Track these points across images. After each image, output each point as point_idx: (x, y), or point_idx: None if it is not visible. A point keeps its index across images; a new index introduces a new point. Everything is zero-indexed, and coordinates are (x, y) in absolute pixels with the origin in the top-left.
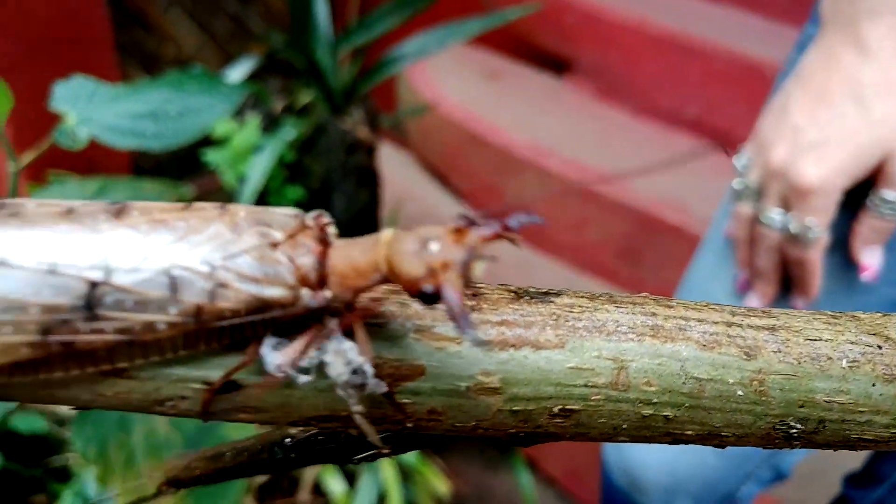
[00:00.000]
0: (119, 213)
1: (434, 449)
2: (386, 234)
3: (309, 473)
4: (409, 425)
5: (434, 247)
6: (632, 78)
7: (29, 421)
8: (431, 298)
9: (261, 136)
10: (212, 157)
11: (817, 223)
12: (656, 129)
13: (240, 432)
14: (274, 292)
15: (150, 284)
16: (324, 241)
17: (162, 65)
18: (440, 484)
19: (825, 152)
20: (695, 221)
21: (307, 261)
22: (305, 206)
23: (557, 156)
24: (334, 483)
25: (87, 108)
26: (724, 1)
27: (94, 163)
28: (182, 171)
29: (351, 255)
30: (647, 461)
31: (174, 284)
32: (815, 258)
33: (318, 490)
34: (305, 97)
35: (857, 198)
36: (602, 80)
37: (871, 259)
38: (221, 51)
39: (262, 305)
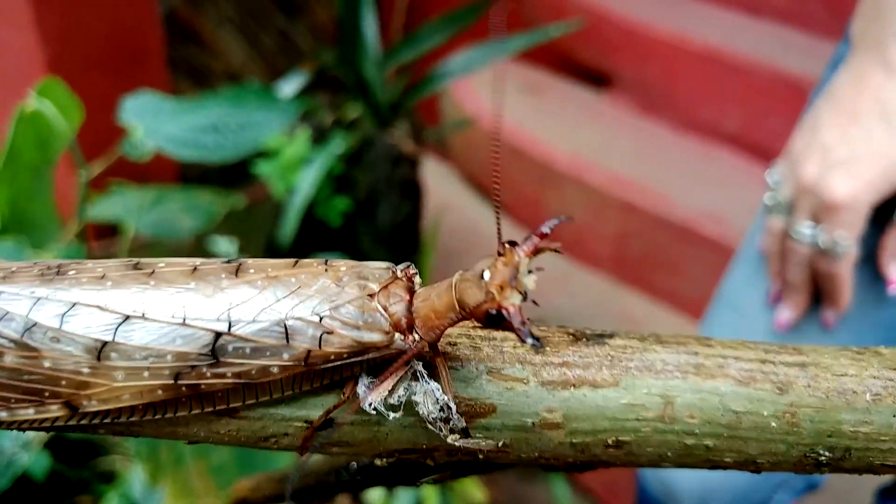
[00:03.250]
0: (237, 270)
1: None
2: (456, 276)
3: None
4: (481, 457)
5: (487, 275)
6: (672, 92)
7: None
8: (497, 319)
9: (310, 149)
10: (263, 168)
11: (846, 237)
12: (696, 142)
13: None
14: (372, 337)
15: (266, 333)
16: (411, 290)
17: (211, 78)
18: (477, 493)
19: (854, 169)
20: (732, 234)
21: (399, 308)
22: (351, 216)
23: (597, 169)
24: (372, 490)
25: (154, 121)
26: (764, 16)
27: (145, 172)
28: (227, 181)
29: (430, 299)
30: (679, 476)
31: (287, 333)
32: (845, 271)
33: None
34: (353, 111)
35: (886, 212)
36: (642, 95)
37: None
38: (268, 65)
39: (362, 349)
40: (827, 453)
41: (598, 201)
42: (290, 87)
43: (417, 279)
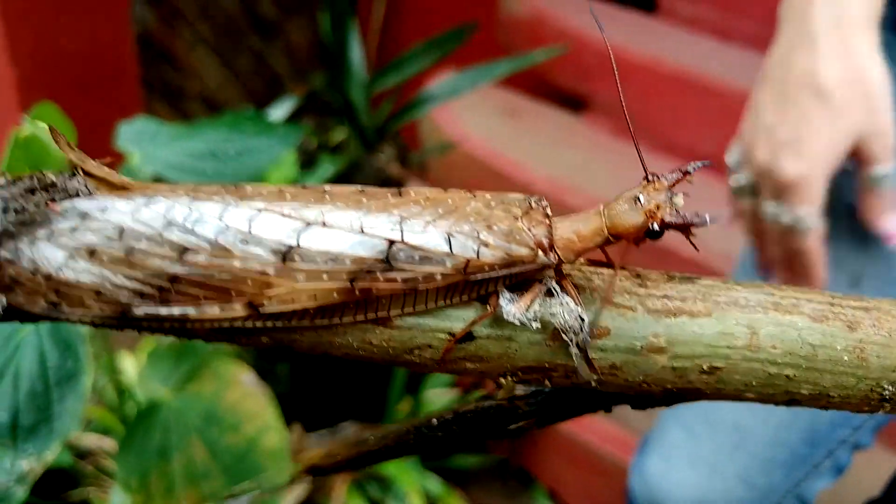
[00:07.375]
0: (399, 192)
1: (568, 416)
2: (600, 207)
3: (336, 502)
4: (595, 377)
5: (643, 199)
6: (648, 115)
7: None
8: (657, 234)
9: (298, 173)
10: None
11: (807, 213)
12: (672, 165)
13: (273, 463)
14: (521, 251)
15: (433, 243)
16: (548, 217)
17: (186, 100)
18: None
19: (800, 148)
20: (710, 254)
21: (540, 230)
22: None
23: (575, 191)
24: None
25: (151, 147)
26: (734, 41)
27: None
28: None
29: (574, 226)
30: (672, 493)
31: (451, 243)
32: (814, 246)
33: None
34: (339, 135)
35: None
36: (618, 118)
37: (892, 224)
38: (244, 87)
39: (511, 262)
40: (890, 388)
41: None
42: (279, 111)
43: (549, 210)
